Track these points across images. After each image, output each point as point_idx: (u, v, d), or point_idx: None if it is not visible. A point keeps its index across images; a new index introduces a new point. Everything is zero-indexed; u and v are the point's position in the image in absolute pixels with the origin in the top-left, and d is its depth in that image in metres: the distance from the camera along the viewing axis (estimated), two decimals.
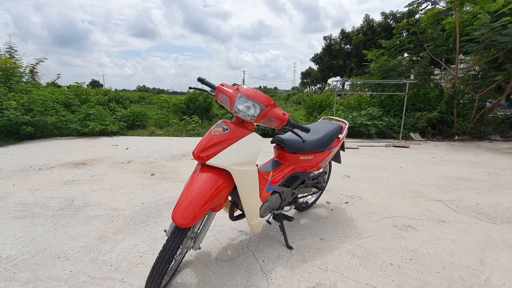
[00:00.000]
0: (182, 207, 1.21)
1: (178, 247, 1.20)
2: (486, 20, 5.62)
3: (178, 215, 1.19)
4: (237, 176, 1.36)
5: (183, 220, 1.17)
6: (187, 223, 1.17)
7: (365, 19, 23.58)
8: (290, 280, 1.53)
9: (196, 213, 1.20)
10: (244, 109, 1.39)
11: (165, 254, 1.18)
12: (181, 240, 1.21)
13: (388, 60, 7.26)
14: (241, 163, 1.36)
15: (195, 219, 1.19)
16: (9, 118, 5.26)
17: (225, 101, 1.48)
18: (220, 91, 1.49)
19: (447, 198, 2.82)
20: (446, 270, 1.64)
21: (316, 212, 2.44)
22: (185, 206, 1.21)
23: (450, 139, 6.74)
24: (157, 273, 1.18)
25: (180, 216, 1.18)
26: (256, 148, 1.43)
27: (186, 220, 1.18)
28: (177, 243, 1.20)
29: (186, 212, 1.19)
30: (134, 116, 7.86)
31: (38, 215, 2.27)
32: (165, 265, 1.18)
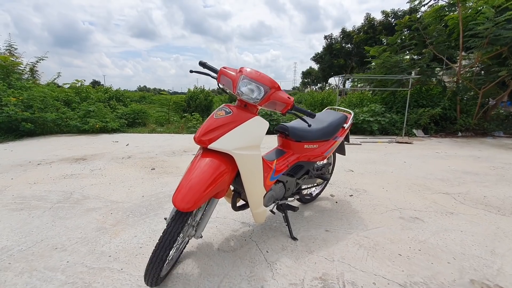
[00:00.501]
0: (183, 191, 1.15)
1: (179, 233, 1.15)
2: (490, 15, 5.56)
3: (179, 199, 1.13)
4: (240, 160, 1.30)
5: (185, 204, 1.12)
6: (189, 207, 1.12)
7: (366, 18, 23.49)
8: (295, 271, 1.47)
9: (198, 198, 1.14)
10: (247, 92, 1.34)
11: (165, 240, 1.12)
12: (181, 225, 1.15)
13: (391, 56, 7.20)
14: (245, 147, 1.31)
15: (197, 204, 1.14)
16: (8, 115, 5.22)
17: (227, 84, 1.42)
18: (223, 74, 1.43)
19: (453, 191, 2.76)
20: (457, 261, 1.58)
21: (320, 204, 2.38)
22: (186, 191, 1.15)
23: (453, 135, 6.67)
24: (157, 259, 1.12)
25: (181, 200, 1.13)
26: (260, 131, 1.37)
27: (188, 204, 1.12)
28: (178, 228, 1.14)
29: (187, 196, 1.14)
30: (135, 113, 7.82)
31: (35, 208, 2.22)
32: (165, 251, 1.12)
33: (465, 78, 7.01)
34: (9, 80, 6.15)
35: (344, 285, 1.36)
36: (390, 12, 21.25)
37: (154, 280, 1.19)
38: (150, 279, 1.18)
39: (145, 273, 1.18)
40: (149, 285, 1.23)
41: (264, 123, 1.39)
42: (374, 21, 22.54)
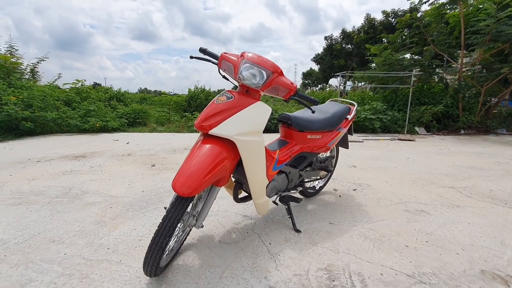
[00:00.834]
0: (183, 176, 1.11)
1: (179, 219, 1.10)
2: (492, 11, 5.52)
3: (179, 184, 1.09)
4: (242, 146, 1.26)
5: (185, 189, 1.08)
6: (189, 192, 1.08)
7: (366, 18, 23.52)
8: (299, 262, 1.42)
9: (198, 183, 1.10)
10: (249, 76, 1.30)
11: (165, 226, 1.08)
12: (181, 211, 1.11)
13: (392, 54, 7.16)
14: (247, 132, 1.27)
15: (197, 189, 1.10)
16: (8, 114, 5.19)
17: (228, 69, 1.38)
18: (224, 59, 1.40)
19: (459, 185, 2.71)
20: (466, 252, 1.53)
21: (323, 198, 2.33)
22: (187, 176, 1.11)
23: (456, 133, 6.62)
24: (156, 247, 1.08)
25: (182, 185, 1.08)
26: (263, 117, 1.33)
27: (188, 189, 1.08)
28: (178, 214, 1.10)
29: (187, 181, 1.10)
30: (135, 113, 7.79)
31: (33, 202, 2.18)
32: (165, 238, 1.08)
33: (467, 76, 6.96)
34: (10, 79, 6.13)
35: (350, 275, 1.31)
36: (391, 12, 21.25)
37: (153, 269, 1.14)
38: (149, 268, 1.13)
39: (144, 262, 1.14)
40: (148, 275, 1.19)
41: (266, 109, 1.35)
42: (374, 21, 22.55)
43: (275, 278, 1.29)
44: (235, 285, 1.24)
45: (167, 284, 1.24)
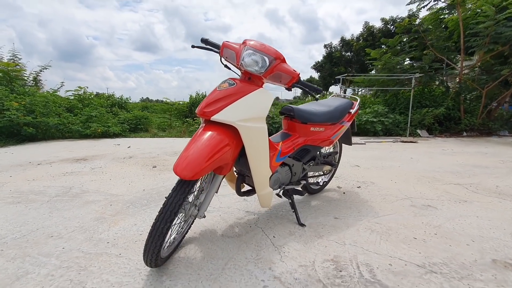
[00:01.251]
0: (185, 160, 1.09)
1: (180, 204, 1.07)
2: (491, 13, 5.57)
3: (181, 168, 1.06)
4: (245, 133, 1.24)
5: (187, 172, 1.05)
6: (191, 175, 1.05)
7: (365, 26, 23.82)
8: (305, 254, 1.38)
9: (200, 167, 1.07)
10: (251, 63, 1.28)
11: (166, 211, 1.04)
12: (183, 196, 1.08)
13: (392, 57, 7.20)
14: (249, 118, 1.25)
15: (199, 173, 1.07)
16: (10, 119, 5.20)
17: (231, 57, 1.37)
18: (226, 47, 1.39)
19: (464, 182, 2.67)
20: (476, 243, 1.48)
21: (327, 195, 2.29)
22: (188, 160, 1.09)
23: (458, 135, 6.58)
24: (157, 232, 1.04)
25: (183, 169, 1.06)
26: (266, 103, 1.31)
27: (190, 172, 1.05)
28: (179, 199, 1.07)
29: (189, 165, 1.07)
30: (137, 119, 7.81)
31: (33, 201, 2.15)
32: (166, 224, 1.04)
33: (468, 78, 6.97)
34: (12, 86, 6.18)
35: (358, 266, 1.27)
36: (389, 20, 21.52)
37: (153, 258, 1.10)
38: (149, 256, 1.09)
39: (144, 250, 1.10)
40: (149, 265, 1.15)
41: (269, 95, 1.34)
42: (373, 28, 22.82)
43: (280, 269, 1.25)
44: (238, 276, 1.20)
45: (168, 275, 1.20)
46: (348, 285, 1.13)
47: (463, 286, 1.13)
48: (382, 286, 1.13)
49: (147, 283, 1.15)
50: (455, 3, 6.55)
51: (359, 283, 1.15)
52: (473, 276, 1.19)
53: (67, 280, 1.17)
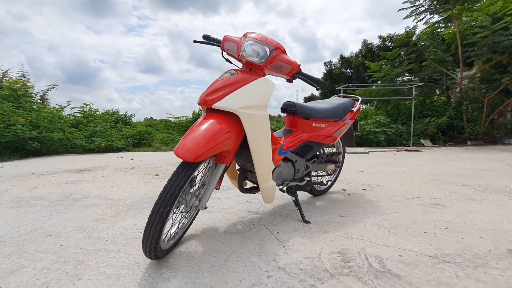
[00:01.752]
0: (186, 144, 1.07)
1: (181, 188, 1.04)
2: (487, 23, 5.69)
3: (182, 150, 1.05)
4: (247, 120, 1.23)
5: (188, 154, 1.03)
6: (193, 157, 1.03)
7: (363, 43, 24.41)
8: (310, 247, 1.32)
9: (202, 149, 1.06)
10: (252, 52, 1.30)
11: (166, 194, 1.02)
12: (184, 180, 1.05)
13: (391, 69, 7.31)
14: (251, 106, 1.25)
15: (201, 156, 1.05)
16: (15, 134, 5.27)
17: (232, 49, 1.40)
18: (227, 40, 1.42)
19: (472, 183, 2.60)
20: (489, 235, 1.42)
21: (331, 196, 2.24)
22: (190, 143, 1.07)
23: (463, 144, 6.52)
24: (157, 216, 1.01)
25: (185, 151, 1.04)
26: (268, 90, 1.32)
27: (192, 154, 1.04)
28: (180, 182, 1.04)
29: (191, 147, 1.06)
30: (141, 135, 7.87)
31: (33, 205, 2.12)
32: (166, 207, 1.01)
33: (469, 88, 7.01)
34: (19, 102, 6.31)
35: (367, 257, 1.21)
36: (387, 37, 22.06)
37: (153, 246, 1.06)
38: (148, 243, 1.05)
39: (143, 237, 1.06)
40: (148, 254, 1.10)
41: (271, 83, 1.34)
42: (371, 45, 23.36)
43: (284, 261, 1.19)
44: (241, 267, 1.14)
45: (167, 267, 1.15)
46: (357, 275, 1.07)
47: (479, 273, 1.07)
48: (393, 275, 1.07)
49: (146, 275, 1.10)
50: (451, 16, 6.72)
51: (369, 272, 1.09)
52: (489, 265, 1.13)
53: (63, 273, 1.13)
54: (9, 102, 6.08)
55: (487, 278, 1.04)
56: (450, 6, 6.48)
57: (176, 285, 1.02)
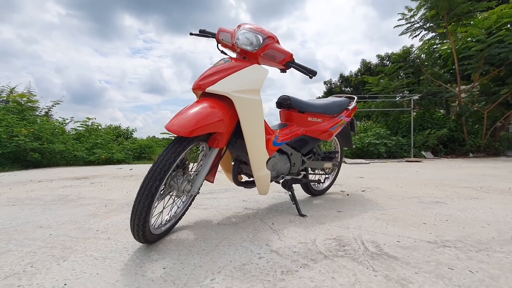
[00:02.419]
0: (178, 120, 1.07)
1: (173, 162, 1.03)
2: (482, 37, 5.83)
3: (175, 126, 1.05)
4: (240, 104, 1.24)
5: (182, 129, 1.03)
6: (186, 132, 1.03)
7: (362, 62, 24.97)
8: (305, 234, 1.28)
9: (195, 126, 1.06)
10: (245, 40, 1.34)
11: (155, 168, 1.00)
12: (175, 155, 1.04)
13: (389, 83, 7.41)
14: (244, 90, 1.26)
15: (194, 131, 1.05)
16: (18, 145, 5.32)
17: (226, 39, 1.43)
18: (221, 31, 1.46)
19: (474, 186, 2.55)
20: (492, 226, 1.37)
21: (330, 196, 2.20)
22: (182, 119, 1.08)
23: (465, 156, 6.46)
24: (145, 190, 0.99)
25: (179, 126, 1.04)
26: (260, 76, 1.33)
27: (186, 129, 1.03)
28: (170, 158, 1.03)
29: (184, 123, 1.06)
30: (142, 148, 7.90)
31: (28, 204, 2.10)
32: (155, 182, 0.99)
33: (468, 101, 7.06)
34: (23, 115, 6.42)
35: (363, 242, 1.17)
36: (385, 56, 22.57)
37: (141, 225, 1.03)
38: (136, 222, 1.02)
39: (131, 214, 1.03)
40: (136, 234, 1.07)
41: (264, 69, 1.37)
42: (370, 64, 23.86)
43: (277, 245, 1.15)
44: (232, 251, 1.10)
45: (156, 251, 1.11)
46: (352, 256, 1.03)
47: (482, 256, 1.02)
48: (390, 257, 1.02)
49: (133, 257, 1.06)
50: (446, 32, 6.91)
51: (365, 254, 1.05)
52: (492, 249, 1.08)
53: (49, 255, 1.09)
54: (13, 114, 6.19)
55: (490, 259, 0.99)
56: (445, 23, 6.68)
57: (163, 265, 0.99)
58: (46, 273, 0.95)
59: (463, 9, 6.22)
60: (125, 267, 0.98)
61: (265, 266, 0.97)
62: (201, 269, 0.95)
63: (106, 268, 0.98)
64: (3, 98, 8.01)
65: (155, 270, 0.95)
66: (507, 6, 6.31)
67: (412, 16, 7.15)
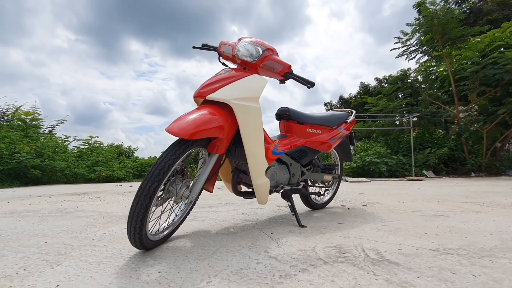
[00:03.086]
0: (179, 123, 1.09)
1: (172, 164, 1.04)
2: (476, 59, 6.01)
3: (176, 128, 1.07)
4: (239, 111, 1.27)
5: (183, 131, 1.05)
6: (188, 134, 1.05)
7: (361, 85, 25.51)
8: (305, 242, 1.26)
9: (195, 129, 1.08)
10: (245, 51, 1.40)
11: (154, 170, 1.01)
12: (174, 158, 1.05)
13: (388, 103, 7.53)
14: (243, 97, 1.29)
15: (195, 134, 1.07)
16: (19, 161, 5.34)
17: (227, 51, 1.50)
18: (223, 44, 1.53)
19: (477, 201, 2.52)
20: (494, 235, 1.35)
21: (330, 210, 2.17)
22: (183, 122, 1.10)
23: (466, 176, 6.41)
24: (144, 191, 0.99)
25: (180, 128, 1.06)
26: (260, 85, 1.37)
27: (187, 132, 1.05)
28: (169, 159, 1.04)
29: (185, 126, 1.08)
30: (142, 167, 7.90)
31: (25, 216, 2.08)
32: (154, 183, 1.00)
33: (467, 121, 7.12)
34: (27, 132, 6.50)
35: (364, 250, 1.14)
36: (383, 78, 23.10)
37: (138, 227, 1.02)
38: (133, 224, 1.01)
39: (129, 217, 1.02)
40: (133, 238, 1.05)
41: (263, 79, 1.41)
42: (369, 87, 24.36)
43: (276, 252, 1.13)
44: (230, 257, 1.08)
45: (152, 257, 1.09)
46: (353, 262, 1.01)
47: (485, 261, 1.00)
48: (391, 263, 1.00)
49: (129, 262, 1.04)
50: (441, 55, 7.13)
51: (365, 260, 1.02)
52: (496, 255, 1.06)
53: (43, 260, 1.07)
54: (17, 131, 6.27)
55: (493, 265, 0.97)
56: (439, 46, 6.91)
57: (159, 269, 0.96)
58: (38, 275, 0.92)
59: (456, 33, 6.46)
60: (119, 271, 0.96)
61: (263, 270, 0.94)
62: (197, 273, 0.93)
63: (100, 272, 0.96)
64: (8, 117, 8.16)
65: (150, 273, 0.93)
66: (499, 30, 6.56)
67: (407, 40, 7.41)
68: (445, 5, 6.70)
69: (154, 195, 1.02)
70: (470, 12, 12.81)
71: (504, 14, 11.96)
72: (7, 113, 7.98)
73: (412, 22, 7.14)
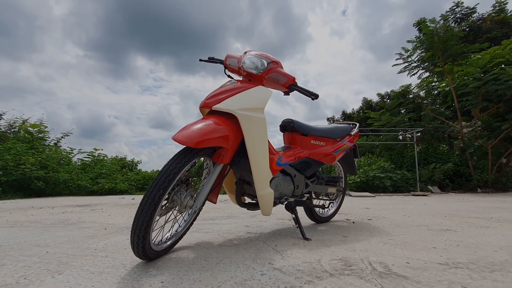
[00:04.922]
0: (186, 132, 1.10)
1: (177, 172, 1.04)
2: (477, 75, 6.06)
3: (182, 136, 1.08)
4: (244, 121, 1.28)
5: (190, 140, 1.06)
6: (194, 142, 1.05)
7: (363, 100, 25.70)
8: (309, 255, 1.23)
9: (201, 138, 1.09)
10: (250, 64, 1.43)
11: (160, 178, 1.01)
12: (180, 166, 1.05)
13: (391, 118, 7.55)
14: (249, 108, 1.31)
15: (201, 143, 1.08)
16: (23, 172, 5.37)
17: (233, 63, 1.53)
18: (229, 57, 1.57)
19: (485, 216, 2.47)
20: (504, 250, 1.31)
21: (335, 223, 2.13)
22: (190, 131, 1.11)
23: (473, 191, 6.30)
24: (149, 199, 0.99)
25: (186, 137, 1.07)
26: (265, 96, 1.39)
27: (193, 140, 1.06)
28: (175, 167, 1.04)
29: (191, 134, 1.09)
30: (145, 180, 7.89)
31: (27, 226, 2.07)
32: (159, 191, 0.99)
33: (471, 136, 7.08)
34: (33, 144, 6.57)
35: (370, 263, 1.11)
36: (385, 94, 23.28)
37: (141, 236, 1.01)
38: (137, 233, 1.00)
39: (133, 225, 1.02)
40: (136, 247, 1.04)
41: (268, 90, 1.43)
42: (371, 102, 24.52)
43: (281, 264, 1.11)
44: (234, 268, 1.06)
45: (155, 268, 1.08)
46: (359, 275, 0.98)
47: (496, 275, 0.97)
48: (399, 276, 0.97)
49: (131, 272, 1.03)
50: (443, 71, 7.20)
51: (372, 273, 1.00)
52: (507, 269, 1.03)
53: (44, 269, 1.06)
54: (23, 143, 6.34)
55: (505, 278, 0.94)
56: (441, 63, 7.00)
57: (161, 280, 0.95)
58: (39, 284, 0.91)
59: (457, 50, 6.56)
60: (121, 281, 0.94)
61: (267, 282, 0.92)
62: (200, 283, 0.91)
63: (102, 281, 0.94)
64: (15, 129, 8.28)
65: (153, 283, 0.91)
66: (499, 47, 6.66)
67: (409, 56, 7.53)
68: (445, 23, 6.84)
69: (159, 203, 1.02)
70: (469, 30, 13.04)
71: (503, 32, 12.15)
72: (14, 125, 8.10)
73: (413, 39, 7.27)
